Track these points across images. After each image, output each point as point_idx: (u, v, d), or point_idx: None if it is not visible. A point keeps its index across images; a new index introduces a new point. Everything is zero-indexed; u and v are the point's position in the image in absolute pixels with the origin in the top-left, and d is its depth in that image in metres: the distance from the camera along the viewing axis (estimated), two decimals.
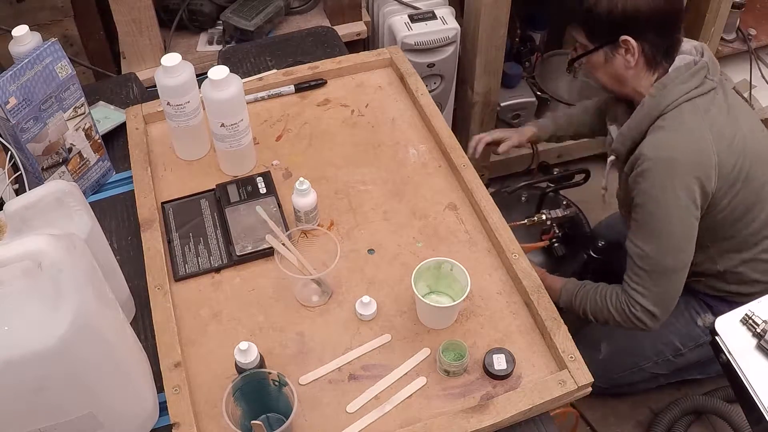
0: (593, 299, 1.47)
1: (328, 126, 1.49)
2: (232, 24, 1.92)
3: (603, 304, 1.44)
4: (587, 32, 1.37)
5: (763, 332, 1.06)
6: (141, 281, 1.21)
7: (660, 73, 1.36)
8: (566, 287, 1.53)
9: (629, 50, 1.33)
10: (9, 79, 1.14)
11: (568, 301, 1.52)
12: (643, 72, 1.36)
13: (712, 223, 1.39)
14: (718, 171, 1.32)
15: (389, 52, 1.62)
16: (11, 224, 0.99)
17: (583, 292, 1.49)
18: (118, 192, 1.41)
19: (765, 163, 1.40)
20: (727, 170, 1.33)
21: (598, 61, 1.39)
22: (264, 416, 1.06)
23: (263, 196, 1.32)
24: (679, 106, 1.32)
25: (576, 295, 1.50)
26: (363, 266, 1.24)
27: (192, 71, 1.31)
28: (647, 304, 1.38)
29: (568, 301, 1.52)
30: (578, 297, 1.49)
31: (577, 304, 1.50)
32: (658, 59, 1.35)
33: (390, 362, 1.11)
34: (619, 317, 1.42)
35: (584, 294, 1.49)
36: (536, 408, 1.06)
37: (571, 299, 1.51)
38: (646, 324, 1.41)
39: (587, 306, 1.48)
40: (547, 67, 2.53)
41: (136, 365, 1.02)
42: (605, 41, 1.35)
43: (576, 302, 1.50)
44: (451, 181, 1.37)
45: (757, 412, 1.02)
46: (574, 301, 1.50)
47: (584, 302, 1.48)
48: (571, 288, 1.52)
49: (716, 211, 1.37)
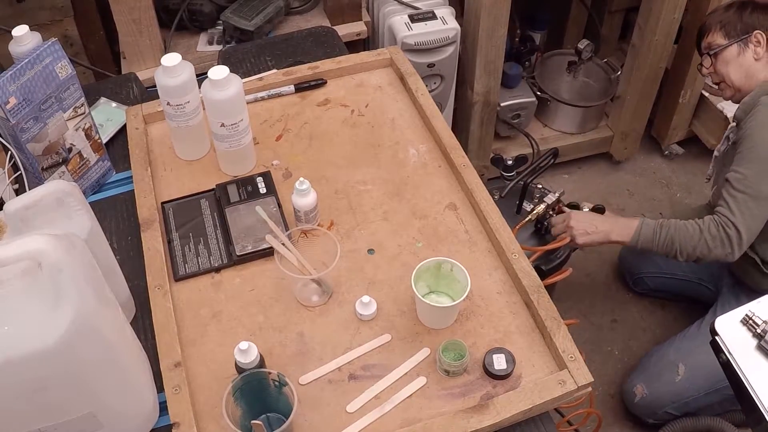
0: (682, 227, 1.56)
1: (328, 126, 1.49)
2: (232, 24, 1.92)
3: (694, 230, 1.54)
4: (725, 33, 1.66)
5: (764, 333, 1.07)
6: (141, 281, 1.21)
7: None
8: (645, 221, 1.61)
9: (759, 43, 1.61)
10: (9, 79, 1.14)
11: (649, 233, 1.59)
12: (766, 66, 1.63)
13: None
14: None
15: (389, 52, 1.62)
16: (11, 224, 0.99)
17: (669, 223, 1.58)
18: (118, 192, 1.42)
19: None
20: None
21: (732, 54, 1.65)
22: (264, 416, 1.06)
23: (263, 196, 1.32)
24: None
25: (660, 225, 1.58)
26: (363, 266, 1.24)
27: (192, 71, 1.31)
28: (739, 224, 1.50)
29: (649, 233, 1.59)
30: (663, 226, 1.58)
31: (662, 235, 1.57)
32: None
33: (390, 362, 1.11)
34: (711, 240, 1.52)
35: (671, 223, 1.58)
36: (536, 408, 1.06)
37: (654, 230, 1.59)
38: (733, 246, 1.51)
39: (675, 234, 1.56)
40: (547, 67, 2.53)
41: (136, 365, 1.02)
42: (740, 37, 1.64)
43: (661, 233, 1.58)
44: (451, 181, 1.37)
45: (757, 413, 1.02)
46: (658, 231, 1.58)
47: (671, 231, 1.56)
48: (651, 222, 1.61)
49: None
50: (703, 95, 2.47)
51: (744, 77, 1.64)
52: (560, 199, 1.84)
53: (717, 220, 1.53)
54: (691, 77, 2.36)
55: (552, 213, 1.82)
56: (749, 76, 1.64)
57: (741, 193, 1.51)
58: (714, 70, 1.70)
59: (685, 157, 2.65)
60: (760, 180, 1.50)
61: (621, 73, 2.42)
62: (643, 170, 2.64)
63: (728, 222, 1.51)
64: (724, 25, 1.66)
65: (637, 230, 1.61)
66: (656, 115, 2.58)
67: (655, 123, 2.62)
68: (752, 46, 1.63)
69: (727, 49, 1.65)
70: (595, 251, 2.35)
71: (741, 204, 1.51)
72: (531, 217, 1.79)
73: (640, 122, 2.48)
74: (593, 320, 2.20)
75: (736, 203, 1.51)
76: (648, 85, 2.34)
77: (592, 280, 2.30)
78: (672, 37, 2.21)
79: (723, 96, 1.75)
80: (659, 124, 2.61)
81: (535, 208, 1.80)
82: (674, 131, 2.57)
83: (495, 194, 1.85)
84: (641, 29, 2.22)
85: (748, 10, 1.65)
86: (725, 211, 1.52)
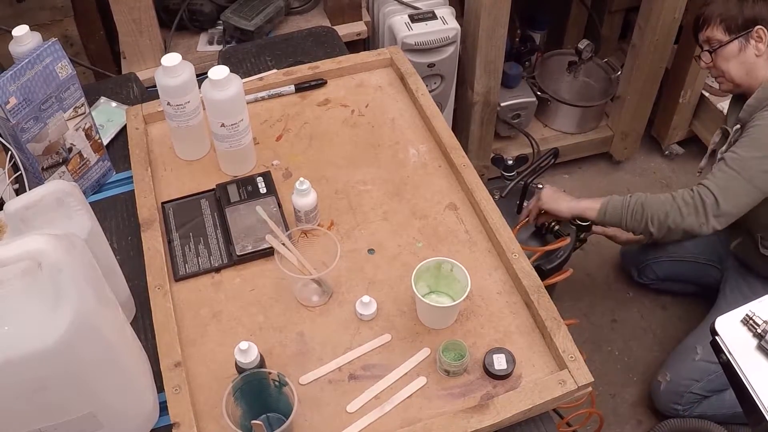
0: (654, 196, 1.53)
1: (328, 126, 1.49)
2: (232, 24, 1.92)
3: (666, 197, 1.51)
4: (725, 27, 1.61)
5: (764, 333, 1.06)
6: (141, 281, 1.21)
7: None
8: (612, 197, 1.59)
9: (761, 39, 1.58)
10: (9, 79, 1.14)
11: (618, 203, 1.56)
12: (767, 61, 1.60)
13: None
14: None
15: (389, 52, 1.62)
16: (11, 224, 0.99)
17: (638, 195, 1.55)
18: (118, 192, 1.41)
19: None
20: None
21: (733, 51, 1.62)
22: (264, 416, 1.06)
23: (263, 196, 1.32)
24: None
25: (630, 195, 1.56)
26: (363, 266, 1.24)
27: (192, 71, 1.31)
28: (718, 194, 1.46)
29: (618, 206, 1.56)
30: (633, 197, 1.55)
31: (631, 202, 1.54)
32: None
33: (390, 362, 1.11)
34: (684, 206, 1.48)
35: (640, 194, 1.55)
36: (536, 408, 1.06)
37: (624, 199, 1.56)
38: (708, 215, 1.47)
39: (645, 201, 1.53)
40: (547, 67, 2.53)
41: (136, 365, 1.02)
42: (741, 33, 1.60)
43: (630, 201, 1.55)
44: (451, 181, 1.37)
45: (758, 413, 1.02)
46: (627, 199, 1.55)
47: (641, 199, 1.53)
48: (618, 197, 1.58)
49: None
50: (703, 95, 2.47)
51: (745, 74, 1.62)
52: None
53: (694, 188, 1.50)
54: (691, 77, 2.36)
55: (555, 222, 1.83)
56: (750, 73, 1.62)
57: (733, 170, 1.48)
58: (714, 65, 1.67)
59: (685, 157, 2.65)
60: (755, 165, 1.47)
61: (621, 73, 2.42)
62: (643, 170, 2.64)
63: (706, 190, 1.48)
64: (725, 19, 1.62)
65: (606, 200, 1.59)
66: (656, 115, 2.58)
67: (655, 123, 2.62)
68: (753, 42, 1.60)
69: (727, 45, 1.62)
70: (595, 251, 2.35)
71: (729, 179, 1.47)
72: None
73: (640, 122, 2.48)
74: (593, 320, 2.20)
75: (724, 177, 1.48)
76: (648, 85, 2.34)
77: (592, 280, 2.30)
78: (672, 37, 2.21)
79: (720, 89, 1.73)
80: (659, 124, 2.61)
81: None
82: (674, 131, 2.57)
83: (495, 194, 1.85)
84: (641, 29, 2.22)
85: (749, 1, 1.61)
86: (707, 181, 1.49)
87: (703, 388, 1.79)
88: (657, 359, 2.08)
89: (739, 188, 1.48)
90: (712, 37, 1.65)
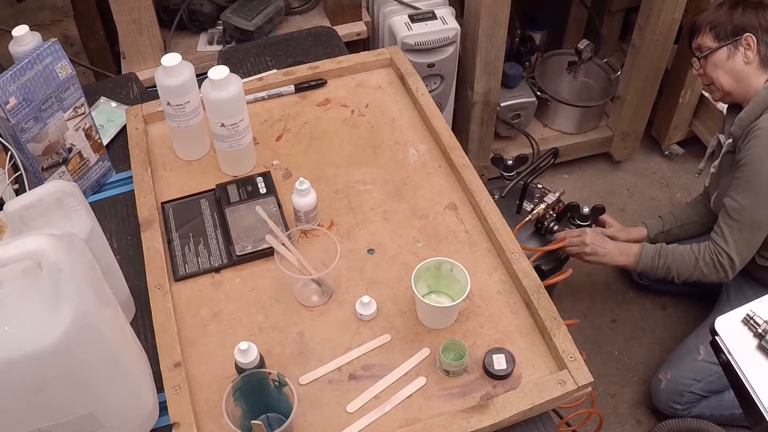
0: (679, 253, 1.67)
1: (328, 126, 1.49)
2: (232, 24, 1.92)
3: (690, 258, 1.65)
4: (715, 34, 1.63)
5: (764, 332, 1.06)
6: (141, 281, 1.21)
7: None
8: (645, 248, 1.72)
9: (750, 47, 1.59)
10: (9, 79, 1.14)
11: (648, 261, 1.71)
12: (757, 70, 1.61)
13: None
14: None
15: (389, 52, 1.62)
16: (11, 224, 0.99)
17: (667, 250, 1.70)
18: (118, 192, 1.41)
19: None
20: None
21: (721, 58, 1.63)
22: (264, 416, 1.06)
23: (263, 196, 1.32)
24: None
25: (659, 253, 1.70)
26: (363, 266, 1.24)
27: (192, 71, 1.31)
28: (732, 252, 1.59)
29: (648, 260, 1.71)
30: (662, 255, 1.69)
31: (660, 261, 1.69)
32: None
33: (390, 362, 1.11)
34: (705, 268, 1.63)
35: (668, 251, 1.69)
36: (536, 408, 1.06)
37: (652, 257, 1.70)
38: (727, 272, 1.62)
39: (672, 262, 1.68)
40: (547, 67, 2.53)
41: (136, 365, 1.02)
42: (729, 40, 1.61)
43: (659, 260, 1.69)
44: (451, 181, 1.37)
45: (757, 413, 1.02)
46: (656, 258, 1.70)
47: (669, 258, 1.68)
48: (650, 248, 1.72)
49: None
50: (703, 95, 2.47)
51: (734, 81, 1.63)
52: (560, 199, 1.84)
53: (711, 248, 1.62)
54: (691, 77, 2.35)
55: (552, 213, 1.82)
56: (739, 81, 1.62)
57: (736, 222, 1.58)
58: (704, 72, 1.68)
59: (685, 157, 2.65)
60: (756, 210, 1.56)
61: (621, 73, 2.42)
62: (643, 170, 2.64)
63: (722, 251, 1.61)
64: (714, 26, 1.63)
65: (637, 255, 1.73)
66: (656, 115, 2.58)
67: (655, 123, 2.62)
68: (742, 50, 1.60)
69: (716, 52, 1.63)
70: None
71: (735, 232, 1.59)
72: (531, 217, 1.79)
73: (640, 122, 2.48)
74: (593, 320, 2.20)
75: (730, 232, 1.59)
76: (648, 85, 2.34)
77: (592, 280, 2.30)
78: (672, 37, 2.21)
79: (713, 98, 1.75)
80: (659, 124, 2.61)
81: (536, 208, 1.80)
82: (674, 131, 2.57)
83: (495, 194, 1.86)
84: (641, 29, 2.22)
85: (739, 9, 1.62)
86: (720, 240, 1.61)
87: (704, 388, 1.80)
88: (657, 359, 2.08)
89: (747, 235, 1.59)
90: (703, 44, 1.66)
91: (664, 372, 1.87)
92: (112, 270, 1.14)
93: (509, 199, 1.86)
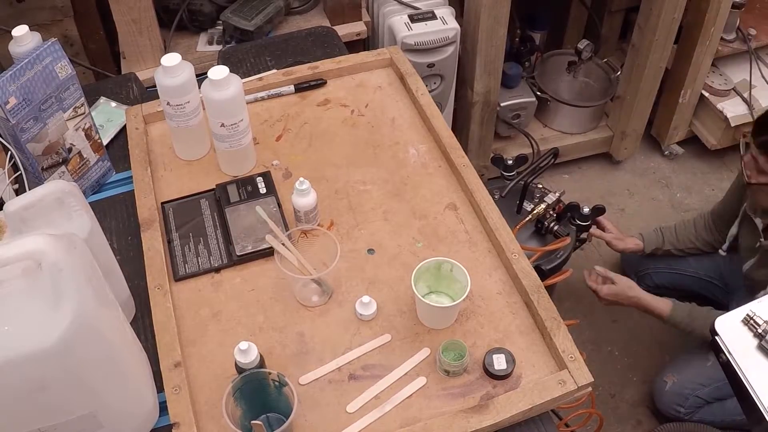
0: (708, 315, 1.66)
1: (328, 126, 1.49)
2: (232, 24, 1.92)
3: None
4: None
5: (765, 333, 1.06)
6: (141, 281, 1.21)
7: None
8: (677, 305, 1.75)
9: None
10: (9, 79, 1.14)
11: (681, 317, 1.74)
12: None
13: None
14: None
15: (389, 52, 1.62)
16: (11, 224, 0.99)
17: (696, 315, 1.72)
18: (118, 192, 1.41)
19: None
20: None
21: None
22: (264, 416, 1.06)
23: (263, 196, 1.32)
24: None
25: (691, 312, 1.73)
26: (363, 266, 1.24)
27: (192, 71, 1.31)
28: None
29: (682, 316, 1.74)
30: (692, 314, 1.73)
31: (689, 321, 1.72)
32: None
33: (390, 362, 1.11)
34: None
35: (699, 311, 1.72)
36: (536, 408, 1.06)
37: (684, 316, 1.73)
38: None
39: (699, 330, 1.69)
40: (547, 67, 2.53)
41: (136, 365, 1.02)
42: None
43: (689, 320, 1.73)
44: (451, 181, 1.37)
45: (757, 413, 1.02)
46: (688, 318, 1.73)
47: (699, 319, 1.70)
48: (684, 306, 1.75)
49: None
50: (703, 95, 2.47)
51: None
52: (560, 198, 1.84)
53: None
54: (691, 77, 2.36)
55: (552, 213, 1.83)
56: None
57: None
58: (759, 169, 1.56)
59: (685, 157, 2.65)
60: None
61: (621, 73, 2.42)
62: (643, 170, 2.64)
63: None
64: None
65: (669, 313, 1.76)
66: (656, 115, 2.58)
67: (655, 123, 2.62)
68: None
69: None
70: (595, 251, 2.35)
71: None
72: (531, 217, 1.79)
73: (640, 122, 2.48)
74: (593, 320, 2.20)
75: None
76: (648, 85, 2.34)
77: None
78: (672, 37, 2.21)
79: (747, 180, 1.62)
80: (659, 124, 2.61)
81: (536, 207, 1.80)
82: (674, 131, 2.57)
83: (495, 194, 1.86)
84: (641, 29, 2.22)
85: None
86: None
87: (709, 394, 1.80)
88: (657, 359, 2.08)
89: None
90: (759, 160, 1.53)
91: (669, 374, 1.87)
92: (112, 270, 1.14)
93: (509, 199, 1.86)
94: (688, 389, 1.81)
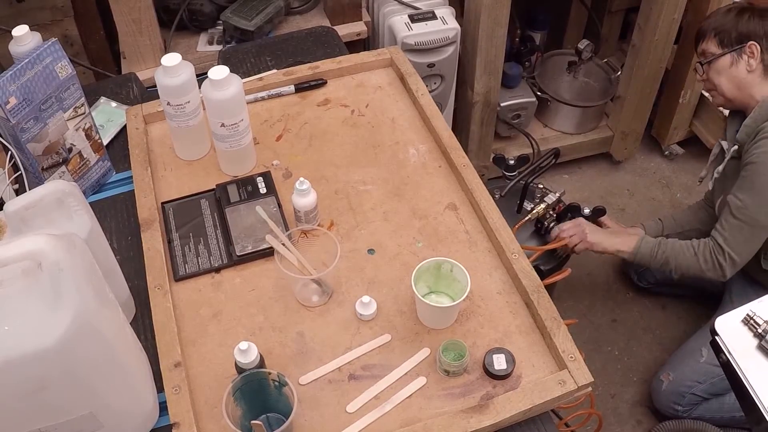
0: (679, 249, 1.67)
1: (328, 126, 1.49)
2: (232, 24, 1.92)
3: (690, 254, 1.65)
4: (719, 41, 1.62)
5: (764, 332, 1.06)
6: (141, 281, 1.21)
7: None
8: (645, 239, 1.73)
9: (753, 55, 1.58)
10: (9, 79, 1.14)
11: (647, 251, 1.72)
12: (760, 79, 1.60)
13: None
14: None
15: (389, 52, 1.62)
16: (11, 224, 0.99)
17: (667, 243, 1.70)
18: (118, 192, 1.42)
19: None
20: None
21: (724, 64, 1.62)
22: (264, 416, 1.06)
23: (263, 196, 1.32)
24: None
25: (659, 245, 1.71)
26: (363, 266, 1.24)
27: (192, 71, 1.31)
28: (731, 251, 1.60)
29: (648, 251, 1.72)
30: (661, 247, 1.70)
31: (659, 251, 1.70)
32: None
33: (390, 362, 1.11)
34: (704, 264, 1.64)
35: (669, 245, 1.70)
36: (536, 408, 1.06)
37: (652, 248, 1.71)
38: (725, 271, 1.62)
39: (671, 255, 1.68)
40: (547, 67, 2.53)
41: (136, 365, 1.02)
42: (733, 47, 1.60)
43: (658, 252, 1.70)
44: (451, 181, 1.37)
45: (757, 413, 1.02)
46: (655, 249, 1.70)
47: (667, 252, 1.69)
48: (651, 241, 1.73)
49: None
50: (703, 95, 2.47)
51: (736, 89, 1.62)
52: (561, 199, 1.84)
53: (711, 246, 1.63)
54: (691, 77, 2.36)
55: (552, 213, 1.83)
56: (741, 88, 1.61)
57: (738, 220, 1.58)
58: (707, 77, 1.68)
59: (685, 157, 2.65)
60: (758, 210, 1.56)
61: (621, 73, 2.42)
62: (643, 170, 2.64)
63: (721, 250, 1.61)
64: (719, 32, 1.62)
65: (637, 245, 1.73)
66: (656, 115, 2.58)
67: (655, 123, 2.62)
68: (746, 57, 1.59)
69: (720, 59, 1.62)
70: None
71: (736, 231, 1.59)
72: (531, 217, 1.79)
73: (640, 122, 2.48)
74: (593, 320, 2.20)
75: (731, 230, 1.59)
76: (648, 85, 2.34)
77: (592, 280, 2.30)
78: (672, 37, 2.21)
79: (714, 103, 1.75)
80: (659, 124, 2.61)
81: (536, 207, 1.80)
82: (674, 131, 2.57)
83: (495, 194, 1.86)
84: (641, 29, 2.22)
85: (746, 16, 1.61)
86: (720, 238, 1.61)
87: (706, 390, 1.80)
88: (657, 359, 2.08)
89: (748, 236, 1.59)
90: (707, 49, 1.66)
91: (665, 373, 1.87)
92: (112, 270, 1.14)
93: (509, 198, 1.86)
94: (684, 387, 1.82)
